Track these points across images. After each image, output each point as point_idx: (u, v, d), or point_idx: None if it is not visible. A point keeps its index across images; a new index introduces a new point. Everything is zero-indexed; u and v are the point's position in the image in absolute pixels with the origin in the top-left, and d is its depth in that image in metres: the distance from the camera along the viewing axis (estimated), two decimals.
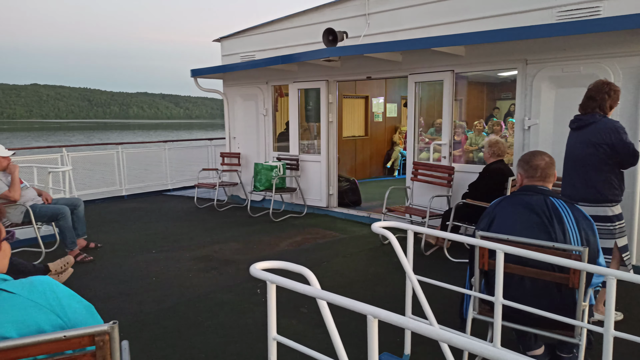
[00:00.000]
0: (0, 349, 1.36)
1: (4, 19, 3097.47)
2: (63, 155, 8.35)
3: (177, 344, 3.32)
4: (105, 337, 1.49)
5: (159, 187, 9.92)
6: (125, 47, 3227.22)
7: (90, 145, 9.96)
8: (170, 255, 5.44)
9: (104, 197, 8.98)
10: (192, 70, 8.34)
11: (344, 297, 1.72)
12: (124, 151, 9.31)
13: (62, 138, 54.93)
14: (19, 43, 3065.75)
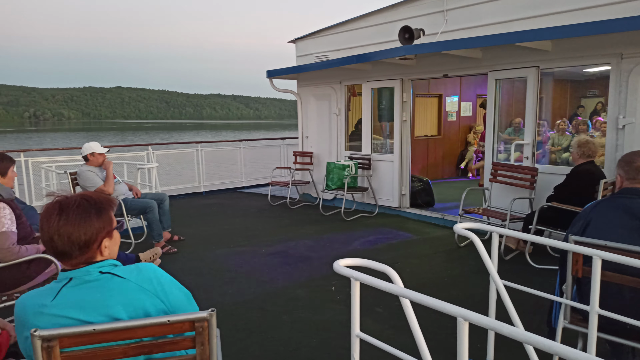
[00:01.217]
0: (113, 329, 1.48)
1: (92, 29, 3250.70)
2: (149, 153, 8.92)
3: (255, 336, 3.44)
4: (205, 323, 1.58)
5: (234, 185, 10.29)
6: (202, 51, 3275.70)
7: (172, 144, 10.52)
8: (247, 250, 5.63)
9: (184, 193, 9.47)
10: (268, 72, 8.58)
11: (430, 297, 1.69)
12: (203, 149, 9.77)
13: (144, 137, 58.55)
14: (105, 49, 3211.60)
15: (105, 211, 1.61)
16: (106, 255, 1.62)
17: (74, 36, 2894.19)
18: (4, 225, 3.10)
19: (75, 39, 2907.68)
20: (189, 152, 9.81)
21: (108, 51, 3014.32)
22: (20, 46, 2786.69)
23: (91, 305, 1.51)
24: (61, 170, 6.45)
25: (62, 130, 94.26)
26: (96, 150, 5.39)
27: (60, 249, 1.52)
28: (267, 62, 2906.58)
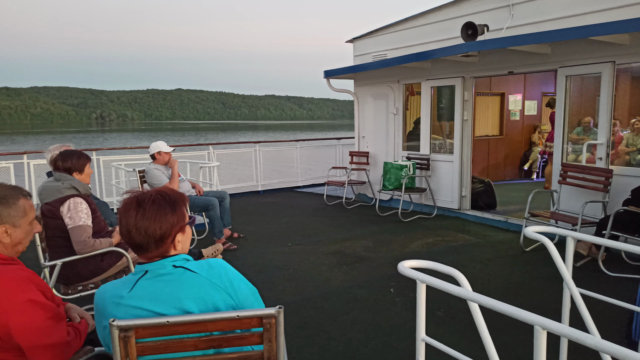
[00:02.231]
0: (185, 322, 1.52)
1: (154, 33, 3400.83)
2: (210, 152, 9.20)
3: (316, 334, 3.44)
4: (272, 320, 1.59)
5: (290, 184, 10.41)
6: (258, 52, 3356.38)
7: (232, 144, 10.79)
8: (305, 248, 5.67)
9: (243, 192, 9.69)
10: (325, 72, 8.60)
11: (503, 303, 1.60)
12: (261, 149, 9.95)
13: (202, 137, 60.53)
14: (164, 53, 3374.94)
15: (179, 207, 1.66)
16: (179, 249, 1.67)
17: (137, 40, 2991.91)
18: (80, 219, 3.28)
19: (138, 43, 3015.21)
20: (247, 151, 10.03)
21: (169, 54, 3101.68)
22: (90, 50, 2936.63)
23: (165, 298, 1.56)
24: (130, 168, 6.78)
25: (126, 131, 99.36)
26: (163, 149, 5.62)
27: (137, 242, 1.58)
28: (323, 63, 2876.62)
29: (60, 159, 3.49)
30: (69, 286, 3.40)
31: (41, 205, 3.36)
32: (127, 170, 7.16)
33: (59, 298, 1.99)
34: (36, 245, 3.25)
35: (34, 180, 7.51)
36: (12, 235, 1.78)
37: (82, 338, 1.90)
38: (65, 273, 3.34)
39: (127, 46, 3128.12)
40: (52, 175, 3.49)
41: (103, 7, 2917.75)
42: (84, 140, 53.07)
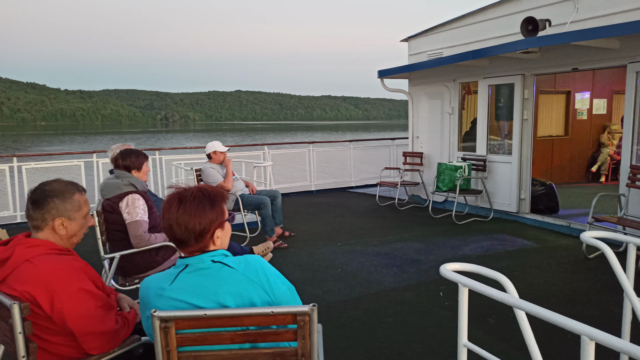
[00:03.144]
0: (222, 315, 1.56)
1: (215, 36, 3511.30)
2: (265, 152, 9.39)
3: (361, 335, 3.42)
4: (306, 317, 1.59)
5: (343, 184, 10.41)
6: (315, 53, 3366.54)
7: (286, 144, 10.95)
8: (355, 249, 5.65)
9: (296, 192, 9.81)
10: (379, 72, 8.53)
11: (549, 310, 1.52)
12: (315, 149, 10.03)
13: (259, 137, 61.89)
14: (225, 56, 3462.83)
15: (218, 203, 1.70)
16: (218, 245, 1.71)
17: (199, 44, 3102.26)
18: (137, 215, 3.46)
19: (201, 47, 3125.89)
20: (301, 151, 10.14)
21: (229, 57, 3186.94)
22: (157, 54, 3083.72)
23: (203, 292, 1.61)
24: (188, 167, 7.05)
25: (188, 131, 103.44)
26: (218, 149, 5.80)
27: (179, 236, 1.64)
28: (379, 63, 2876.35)
29: (120, 158, 3.69)
30: (126, 278, 3.59)
31: (102, 201, 3.57)
32: (186, 169, 7.45)
33: (110, 288, 2.10)
34: (97, 238, 3.46)
35: (101, 177, 7.99)
36: (67, 227, 1.90)
37: (131, 327, 2.00)
38: (123, 265, 3.53)
39: (191, 49, 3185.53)
40: (113, 173, 3.70)
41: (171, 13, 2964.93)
42: (149, 140, 55.81)
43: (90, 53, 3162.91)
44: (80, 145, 47.23)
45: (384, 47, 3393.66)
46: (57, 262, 1.80)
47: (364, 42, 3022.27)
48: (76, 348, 1.83)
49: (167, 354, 1.57)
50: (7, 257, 1.77)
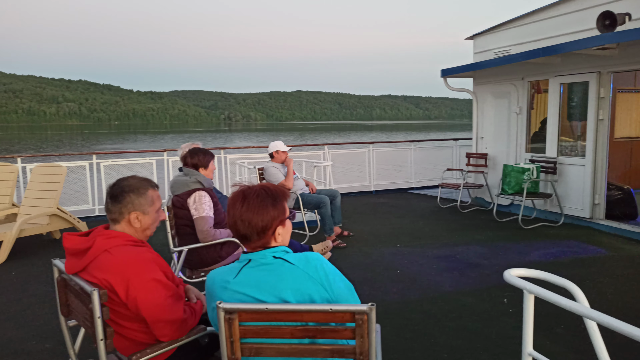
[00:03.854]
0: (282, 310, 1.61)
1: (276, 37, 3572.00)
2: (325, 152, 9.47)
3: (419, 338, 3.38)
4: (364, 316, 1.60)
5: (403, 185, 10.28)
6: (374, 53, 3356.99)
7: (346, 144, 10.98)
8: (414, 250, 5.57)
9: (355, 191, 9.81)
10: (442, 70, 8.35)
11: (623, 322, 1.43)
12: (374, 149, 9.98)
13: (318, 137, 62.35)
14: (284, 56, 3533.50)
15: (280, 201, 1.75)
16: (279, 241, 1.77)
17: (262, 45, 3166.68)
18: (204, 211, 3.62)
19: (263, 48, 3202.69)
20: (361, 152, 10.12)
21: (290, 57, 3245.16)
22: (223, 56, 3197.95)
23: (265, 286, 1.66)
24: (251, 166, 7.26)
25: (250, 131, 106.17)
26: (280, 149, 5.93)
27: (242, 232, 1.71)
28: (442, 61, 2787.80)
29: (189, 156, 3.87)
30: (193, 270, 3.77)
31: (172, 197, 3.76)
32: (249, 168, 7.67)
33: (179, 279, 2.22)
34: (167, 232, 3.65)
35: (171, 174, 8.41)
36: (141, 221, 2.03)
37: (197, 317, 2.10)
38: (190, 258, 3.71)
39: (254, 51, 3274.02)
40: (182, 171, 3.89)
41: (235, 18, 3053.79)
42: (214, 140, 57.90)
43: (161, 56, 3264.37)
44: (151, 143, 49.83)
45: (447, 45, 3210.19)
46: (132, 252, 1.93)
47: (426, 41, 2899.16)
48: (148, 334, 1.95)
49: (231, 345, 1.63)
50: (88, 247, 1.92)
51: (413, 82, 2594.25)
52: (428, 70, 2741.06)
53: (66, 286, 2.04)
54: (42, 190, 6.13)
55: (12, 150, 40.66)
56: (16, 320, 3.83)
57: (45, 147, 44.71)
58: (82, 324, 1.97)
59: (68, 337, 2.18)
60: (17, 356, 3.24)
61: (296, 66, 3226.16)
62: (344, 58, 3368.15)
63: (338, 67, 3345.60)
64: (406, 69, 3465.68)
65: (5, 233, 5.50)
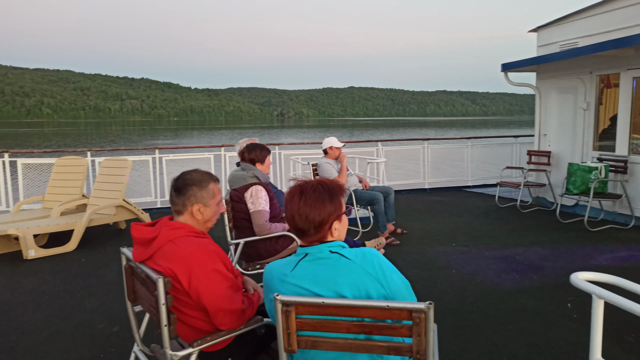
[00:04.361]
0: (339, 304, 1.61)
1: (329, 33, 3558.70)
2: (378, 149, 9.39)
3: (476, 340, 3.29)
4: (422, 315, 1.57)
5: (459, 183, 10.02)
6: (429, 48, 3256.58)
7: (400, 140, 10.83)
8: (471, 250, 5.42)
9: (409, 189, 9.67)
10: (503, 65, 8.04)
11: None
12: (429, 146, 9.78)
13: (370, 134, 61.88)
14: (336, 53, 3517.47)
15: (337, 196, 1.76)
16: (336, 236, 1.77)
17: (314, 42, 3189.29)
18: (260, 205, 3.69)
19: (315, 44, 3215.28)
20: (415, 148, 9.96)
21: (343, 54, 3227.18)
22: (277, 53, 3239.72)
23: (322, 280, 1.68)
24: (305, 162, 7.32)
25: (301, 127, 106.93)
26: (334, 145, 5.94)
27: (300, 226, 1.73)
28: (500, 56, 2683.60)
29: (246, 151, 3.96)
30: (249, 263, 3.86)
31: (230, 191, 3.87)
32: (303, 164, 7.75)
33: (237, 271, 2.28)
34: (224, 225, 3.76)
35: (228, 169, 8.65)
36: (203, 213, 2.11)
37: (255, 308, 2.15)
38: (247, 251, 3.80)
39: (307, 48, 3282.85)
40: (240, 165, 3.99)
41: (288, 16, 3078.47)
42: (267, 136, 58.90)
43: (218, 54, 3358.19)
44: (207, 139, 51.41)
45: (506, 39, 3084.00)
46: (195, 244, 2.00)
47: (484, 35, 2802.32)
48: (208, 323, 2.02)
49: (288, 336, 1.66)
50: (154, 236, 2.01)
51: (470, 77, 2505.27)
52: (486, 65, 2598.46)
53: (133, 273, 2.15)
54: (109, 182, 6.49)
55: (81, 144, 43.32)
56: (86, 305, 4.08)
57: (112, 142, 47.28)
58: (147, 310, 2.06)
59: (134, 322, 2.29)
60: (87, 339, 3.45)
61: (349, 62, 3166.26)
62: (397, 54, 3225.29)
63: (391, 62, 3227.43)
64: (462, 64, 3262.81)
65: (76, 222, 5.87)
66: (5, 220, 5.87)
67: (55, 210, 6.13)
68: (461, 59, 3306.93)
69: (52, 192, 6.79)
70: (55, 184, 6.83)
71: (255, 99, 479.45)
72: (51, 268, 5.12)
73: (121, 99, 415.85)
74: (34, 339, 3.45)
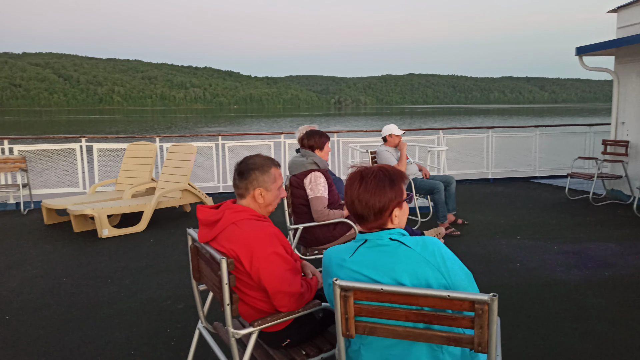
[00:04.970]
0: (398, 292, 1.60)
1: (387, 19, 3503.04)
2: (439, 137, 9.16)
3: (539, 337, 3.15)
4: (485, 307, 1.53)
5: (525, 174, 9.60)
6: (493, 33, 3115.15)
7: (463, 129, 10.49)
8: (537, 244, 5.19)
9: (470, 179, 9.38)
10: (577, 48, 7.55)
11: None
12: (494, 135, 9.41)
13: (430, 121, 60.34)
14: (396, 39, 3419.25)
15: (398, 183, 1.73)
16: (396, 223, 1.75)
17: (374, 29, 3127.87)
18: (319, 191, 3.72)
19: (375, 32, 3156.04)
20: (479, 137, 9.62)
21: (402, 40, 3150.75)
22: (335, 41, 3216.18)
23: (381, 267, 1.67)
24: (363, 150, 7.28)
25: (358, 115, 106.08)
26: (394, 132, 5.86)
27: (359, 212, 1.72)
28: (572, 40, 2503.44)
29: (306, 138, 3.99)
30: (307, 248, 3.91)
31: (289, 177, 3.93)
32: (361, 151, 7.71)
33: (296, 255, 2.32)
34: (284, 210, 3.83)
35: (287, 155, 8.78)
36: (265, 197, 2.15)
37: (313, 292, 2.18)
38: (305, 236, 3.85)
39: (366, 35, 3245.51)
40: (299, 152, 4.03)
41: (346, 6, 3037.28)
42: (325, 123, 59.08)
43: (278, 42, 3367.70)
44: (265, 126, 52.31)
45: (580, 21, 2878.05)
46: (256, 226, 2.05)
47: (556, 18, 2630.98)
48: (268, 304, 2.08)
49: (346, 321, 1.67)
50: (218, 218, 2.08)
51: (539, 63, 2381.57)
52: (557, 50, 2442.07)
53: (198, 253, 2.24)
54: (176, 167, 6.79)
55: (151, 130, 45.51)
56: (154, 282, 4.32)
57: (183, 128, 49.29)
58: (211, 288, 2.15)
59: (198, 299, 2.40)
60: (154, 314, 3.65)
61: (408, 49, 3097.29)
62: (459, 39, 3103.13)
63: (452, 48, 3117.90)
64: (531, 49, 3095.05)
65: (146, 204, 6.20)
66: (82, 201, 6.30)
67: (127, 192, 6.51)
68: (529, 44, 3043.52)
69: (124, 176, 7.20)
70: (127, 167, 7.24)
71: (313, 87, 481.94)
72: (122, 246, 5.45)
73: (185, 87, 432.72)
74: (106, 311, 3.70)
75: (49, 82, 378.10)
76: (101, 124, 64.38)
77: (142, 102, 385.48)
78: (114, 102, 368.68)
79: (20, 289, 4.17)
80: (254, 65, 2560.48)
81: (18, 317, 3.60)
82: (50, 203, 6.23)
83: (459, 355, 1.73)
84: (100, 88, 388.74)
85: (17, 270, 4.66)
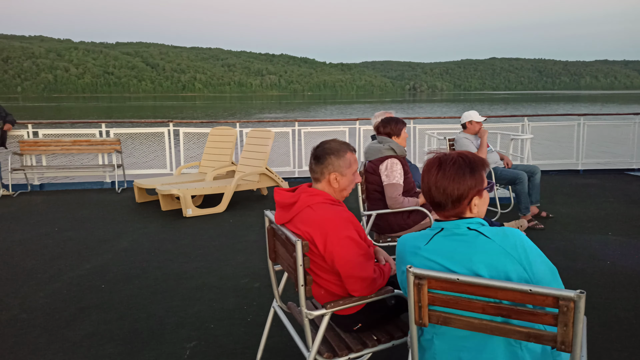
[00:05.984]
0: (474, 283, 1.55)
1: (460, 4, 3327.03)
2: (524, 125, 8.67)
3: (629, 341, 2.91)
4: (570, 304, 1.44)
5: (621, 165, 8.84)
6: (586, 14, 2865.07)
7: (550, 116, 9.83)
8: (631, 242, 4.78)
9: (558, 169, 8.80)
10: None
11: None
12: (586, 123, 8.73)
13: (511, 108, 56.93)
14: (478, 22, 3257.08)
15: (478, 171, 1.67)
16: (475, 212, 1.69)
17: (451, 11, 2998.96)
18: (394, 178, 3.68)
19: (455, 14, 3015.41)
20: (569, 124, 8.98)
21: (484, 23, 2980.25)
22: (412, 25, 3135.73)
23: (457, 257, 1.62)
24: (441, 137, 7.08)
25: (434, 101, 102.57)
26: (474, 119, 5.62)
27: (437, 200, 1.68)
28: None
29: (382, 125, 3.95)
30: (380, 235, 3.90)
31: (365, 163, 3.92)
32: (438, 138, 7.50)
33: (370, 241, 2.32)
34: (358, 196, 3.83)
35: (362, 142, 8.75)
36: (340, 181, 2.17)
37: (386, 278, 2.17)
38: (378, 223, 3.84)
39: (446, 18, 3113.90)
40: (376, 138, 4.00)
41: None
42: (399, 110, 57.95)
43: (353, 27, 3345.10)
44: (338, 113, 52.28)
45: None
46: (331, 210, 2.08)
47: None
48: (341, 287, 2.10)
49: (419, 310, 1.65)
50: (294, 201, 2.13)
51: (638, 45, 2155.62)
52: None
53: (274, 235, 2.31)
54: (254, 151, 7.02)
55: (230, 116, 47.28)
56: (232, 261, 4.52)
57: (261, 112, 50.68)
58: (286, 269, 2.21)
59: (274, 279, 2.48)
60: (231, 291, 3.84)
61: (492, 32, 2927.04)
62: (547, 20, 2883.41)
63: (539, 30, 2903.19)
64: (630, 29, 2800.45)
65: (226, 187, 6.48)
66: (169, 182, 6.73)
67: (209, 174, 6.84)
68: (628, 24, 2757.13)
69: (207, 159, 7.58)
70: (210, 151, 7.61)
71: (387, 73, 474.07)
72: (204, 226, 5.76)
73: (261, 74, 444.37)
74: (188, 285, 3.94)
75: (138, 70, 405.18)
76: (185, 109, 67.90)
77: (221, 88, 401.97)
78: (196, 89, 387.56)
79: (114, 261, 4.55)
80: (330, 51, 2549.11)
81: (112, 287, 3.94)
82: (141, 183, 6.72)
83: (539, 353, 1.65)
84: (183, 75, 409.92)
85: (111, 244, 5.09)
